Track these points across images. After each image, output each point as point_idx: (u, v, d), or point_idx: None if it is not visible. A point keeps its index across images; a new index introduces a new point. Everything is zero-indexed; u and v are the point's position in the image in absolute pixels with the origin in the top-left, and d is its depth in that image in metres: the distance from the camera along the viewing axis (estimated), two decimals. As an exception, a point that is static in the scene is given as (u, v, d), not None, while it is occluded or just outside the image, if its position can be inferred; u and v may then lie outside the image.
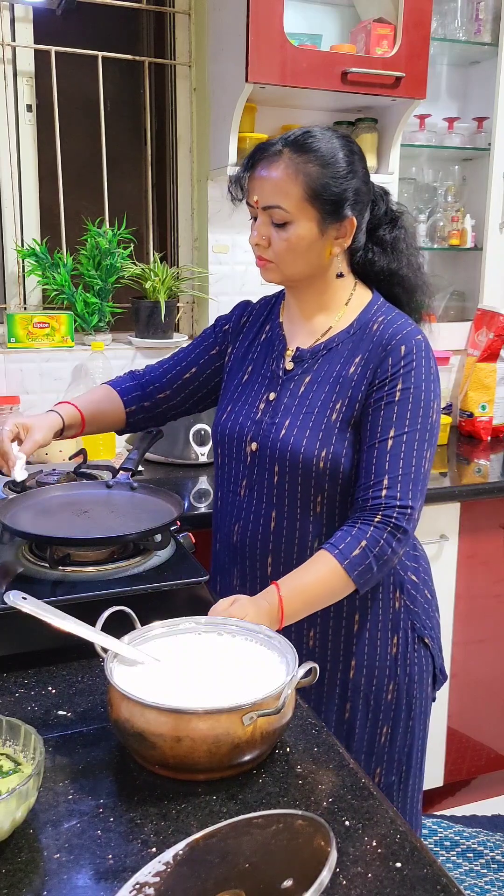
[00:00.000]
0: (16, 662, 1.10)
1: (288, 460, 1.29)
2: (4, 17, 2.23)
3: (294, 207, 1.25)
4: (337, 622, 1.34)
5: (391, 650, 1.36)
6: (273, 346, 1.41)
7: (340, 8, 2.39)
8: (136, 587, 1.17)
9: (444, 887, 0.74)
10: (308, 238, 1.27)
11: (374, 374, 1.27)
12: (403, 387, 1.24)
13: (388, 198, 1.38)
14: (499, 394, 2.59)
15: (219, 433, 1.41)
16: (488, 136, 2.56)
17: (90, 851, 0.77)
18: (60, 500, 1.38)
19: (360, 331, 1.32)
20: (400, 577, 1.36)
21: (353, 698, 1.37)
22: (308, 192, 1.24)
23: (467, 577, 2.20)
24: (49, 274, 2.28)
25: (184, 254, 2.56)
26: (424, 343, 1.28)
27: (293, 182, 1.24)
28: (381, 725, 1.39)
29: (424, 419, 1.25)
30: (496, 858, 2.13)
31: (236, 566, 1.40)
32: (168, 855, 0.73)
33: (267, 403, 1.35)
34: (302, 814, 0.75)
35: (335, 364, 1.31)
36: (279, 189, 1.25)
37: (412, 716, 1.41)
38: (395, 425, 1.23)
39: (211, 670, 0.96)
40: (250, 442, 1.35)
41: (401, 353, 1.25)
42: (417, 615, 1.39)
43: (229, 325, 1.50)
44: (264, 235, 1.29)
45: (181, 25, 2.43)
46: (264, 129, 2.30)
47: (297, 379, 1.34)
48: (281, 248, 1.28)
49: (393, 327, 1.29)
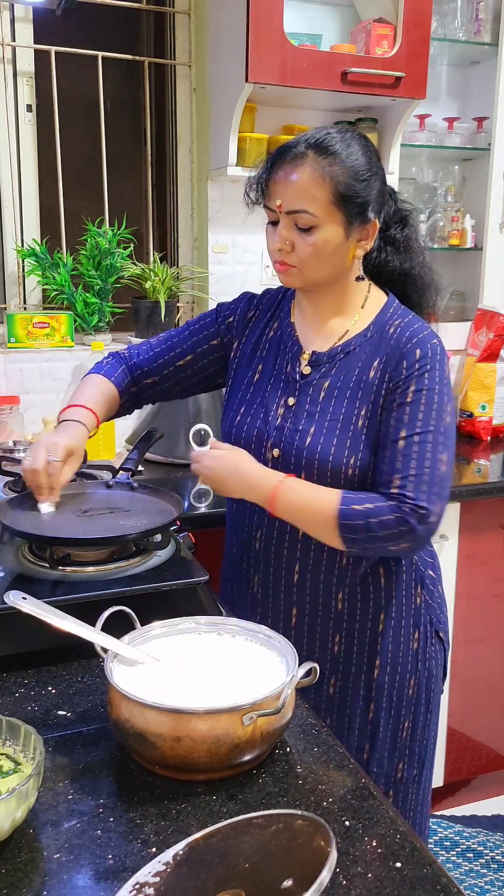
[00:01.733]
0: (16, 662, 1.10)
1: (316, 468, 1.27)
2: (4, 17, 2.23)
3: (321, 212, 1.21)
4: (363, 624, 1.35)
5: (413, 645, 1.38)
6: (285, 346, 1.38)
7: (340, 8, 2.39)
8: (136, 587, 1.16)
9: (444, 887, 0.74)
10: (334, 242, 1.24)
11: (390, 377, 1.26)
12: (416, 388, 1.23)
13: (396, 196, 1.37)
14: (499, 394, 2.59)
15: (234, 436, 1.37)
16: (488, 136, 2.56)
17: (90, 851, 0.77)
18: (60, 500, 1.38)
19: (378, 334, 1.30)
20: (420, 573, 1.38)
21: (378, 697, 1.37)
22: (335, 195, 1.21)
23: (467, 577, 2.20)
24: (49, 274, 2.28)
25: (184, 254, 2.56)
26: (440, 347, 1.27)
27: (320, 186, 1.20)
28: (403, 721, 1.40)
29: (438, 421, 1.22)
30: (496, 858, 2.13)
31: (258, 573, 1.38)
32: (168, 855, 0.73)
33: (287, 409, 1.32)
34: (302, 814, 0.75)
35: (354, 369, 1.29)
36: (305, 193, 1.21)
37: (430, 709, 1.44)
38: (407, 426, 1.22)
39: (211, 670, 0.96)
40: (272, 448, 1.32)
41: (416, 355, 1.24)
42: (434, 609, 1.41)
43: (234, 317, 1.45)
44: (288, 240, 1.24)
45: (181, 25, 2.43)
46: (264, 129, 2.30)
47: (316, 384, 1.32)
48: (306, 254, 1.24)
49: (410, 330, 1.28)
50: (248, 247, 2.46)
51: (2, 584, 1.16)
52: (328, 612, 1.34)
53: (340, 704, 1.38)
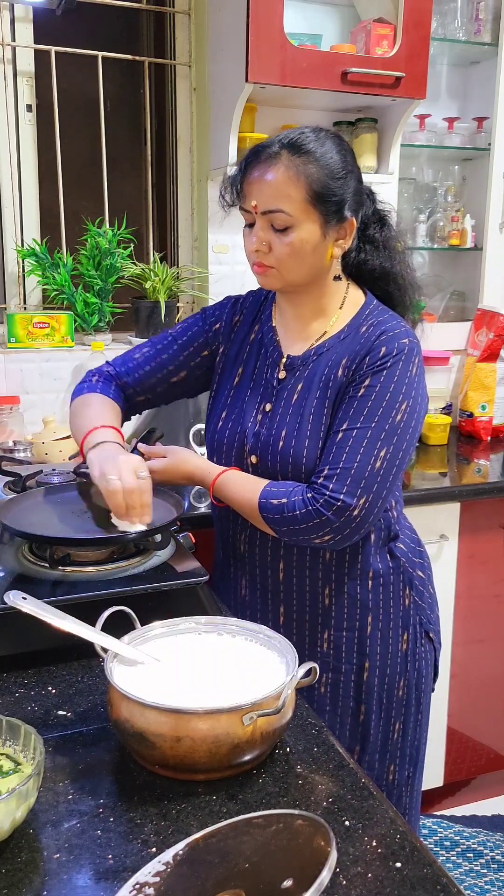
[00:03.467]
0: (16, 662, 1.10)
1: (291, 470, 1.28)
2: (4, 17, 2.23)
3: (297, 211, 1.20)
4: (351, 623, 1.35)
5: (402, 647, 1.38)
6: (266, 350, 1.37)
7: (340, 8, 2.39)
8: (136, 587, 1.16)
9: (444, 887, 0.74)
10: (311, 241, 1.23)
11: (353, 372, 1.26)
12: (369, 384, 1.23)
13: (374, 196, 1.36)
14: (499, 394, 2.59)
15: (216, 441, 1.38)
16: (488, 136, 2.56)
17: (90, 851, 0.77)
18: (60, 500, 1.38)
19: (352, 334, 1.30)
20: (409, 574, 1.38)
21: (367, 699, 1.38)
22: (310, 194, 1.20)
23: (467, 577, 2.20)
24: (49, 274, 2.28)
25: (184, 254, 2.56)
26: (409, 347, 1.25)
27: (295, 185, 1.20)
28: (394, 722, 1.41)
29: (383, 419, 1.21)
30: (496, 858, 2.13)
31: (245, 576, 1.39)
32: (168, 855, 0.73)
33: (264, 415, 1.33)
34: (302, 814, 0.75)
35: (324, 368, 1.30)
36: (280, 192, 1.20)
37: (420, 710, 1.44)
38: (350, 419, 1.22)
39: (211, 670, 0.96)
40: (249, 455, 1.33)
41: (380, 353, 1.24)
42: (424, 610, 1.41)
43: (220, 324, 1.44)
44: (264, 241, 1.24)
45: (181, 25, 2.43)
46: (264, 129, 2.30)
47: (290, 388, 1.32)
48: (283, 254, 1.23)
49: (382, 329, 1.27)
50: (249, 247, 2.45)
51: (2, 584, 1.16)
52: (315, 608, 1.35)
53: (332, 704, 1.38)
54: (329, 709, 1.38)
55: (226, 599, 1.43)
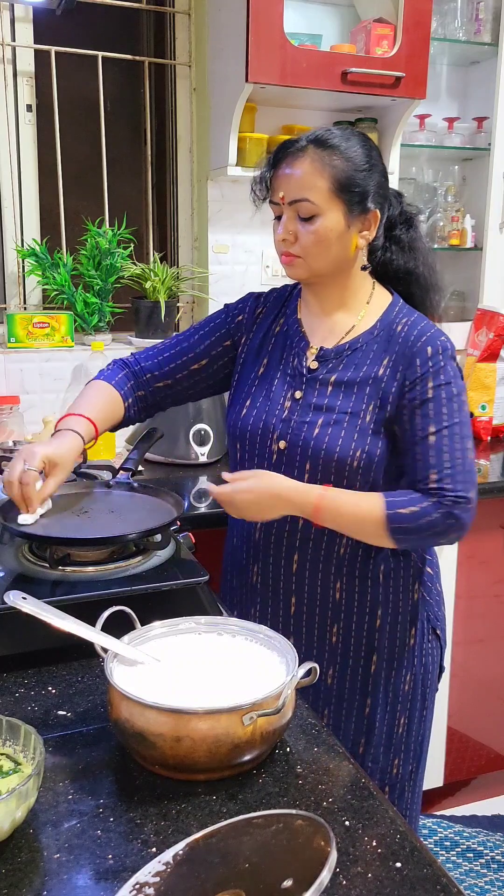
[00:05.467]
0: (16, 662, 1.10)
1: (322, 459, 1.30)
2: (4, 17, 2.23)
3: (322, 199, 1.26)
4: (360, 616, 1.37)
5: (409, 641, 1.40)
6: (291, 341, 1.40)
7: (340, 8, 2.39)
8: (136, 587, 1.17)
9: (444, 887, 0.74)
10: (336, 230, 1.28)
11: (404, 376, 1.29)
12: (435, 384, 1.26)
13: (402, 199, 1.41)
14: (499, 394, 2.59)
15: (239, 429, 1.39)
16: (488, 136, 2.56)
17: (90, 851, 0.77)
18: (60, 500, 1.38)
19: (385, 332, 1.33)
20: (419, 570, 1.40)
21: (374, 693, 1.39)
22: (335, 184, 1.26)
23: (467, 577, 2.20)
24: (49, 274, 2.28)
25: (184, 254, 2.56)
26: (449, 343, 1.31)
27: (320, 175, 1.26)
28: (399, 716, 1.42)
29: (459, 412, 1.27)
30: (496, 858, 2.13)
31: (258, 563, 1.41)
32: (168, 855, 0.73)
33: (294, 402, 1.35)
34: (302, 814, 0.74)
35: (362, 366, 1.32)
36: (306, 183, 1.27)
37: (426, 705, 1.45)
38: (434, 422, 1.26)
39: (211, 670, 0.96)
40: (278, 440, 1.34)
41: (427, 353, 1.28)
42: (431, 606, 1.43)
43: (243, 315, 1.47)
44: (291, 230, 1.30)
45: (181, 25, 2.43)
46: (264, 129, 2.30)
47: (323, 379, 1.34)
48: (308, 242, 1.29)
49: (418, 329, 1.31)
50: (248, 247, 2.46)
51: (2, 584, 1.16)
52: (326, 602, 1.37)
53: (338, 696, 1.39)
54: (335, 701, 1.40)
55: (236, 588, 1.45)
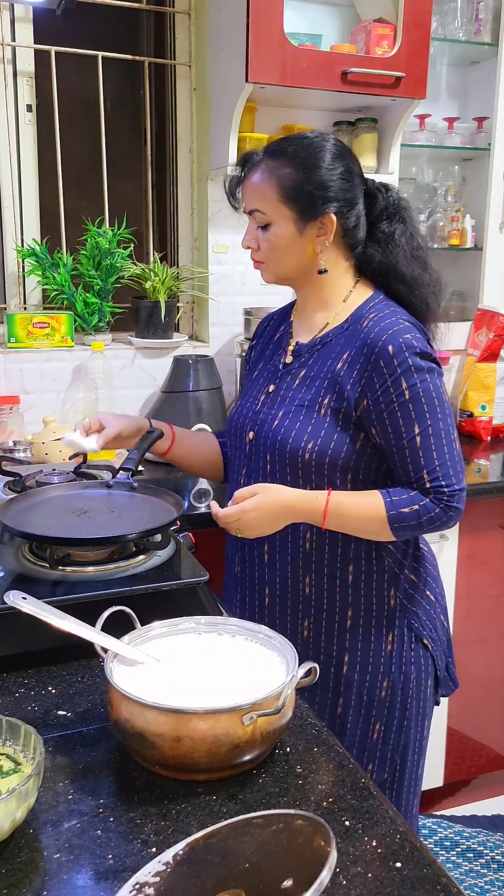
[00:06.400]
0: (16, 662, 1.10)
1: (278, 450, 1.35)
2: (4, 17, 2.23)
3: (270, 209, 1.32)
4: (330, 615, 1.38)
5: (385, 647, 1.38)
6: (281, 343, 1.47)
7: (340, 8, 2.39)
8: (136, 587, 1.17)
9: (444, 887, 0.74)
10: (287, 237, 1.33)
11: (370, 377, 1.28)
12: (408, 384, 1.26)
13: (387, 192, 1.39)
14: (499, 394, 2.59)
15: (227, 426, 1.50)
16: (488, 136, 2.56)
17: (90, 851, 0.77)
18: (60, 500, 1.38)
19: (353, 326, 1.35)
20: (395, 575, 1.37)
21: (346, 693, 1.39)
22: (280, 193, 1.31)
23: (467, 577, 2.20)
24: (49, 274, 2.28)
25: (184, 254, 2.56)
26: (416, 340, 1.28)
27: (267, 185, 1.32)
28: (374, 722, 1.40)
29: (441, 405, 1.28)
30: (496, 858, 2.13)
31: (237, 554, 1.46)
32: (168, 855, 0.73)
33: (266, 395, 1.42)
34: (302, 814, 0.74)
35: (327, 359, 1.36)
36: (257, 193, 1.33)
37: (407, 716, 1.42)
38: (417, 421, 1.27)
39: (211, 670, 0.96)
40: (248, 431, 1.42)
41: (389, 352, 1.26)
42: (416, 615, 1.40)
43: (256, 339, 1.58)
44: (252, 238, 1.37)
45: (181, 25, 2.43)
46: (264, 129, 2.30)
47: (294, 373, 1.40)
48: (265, 249, 1.36)
49: (380, 326, 1.29)
50: (248, 247, 2.45)
51: (2, 584, 1.16)
52: (297, 595, 1.39)
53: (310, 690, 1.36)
54: (307, 695, 1.38)
55: (228, 578, 1.51)
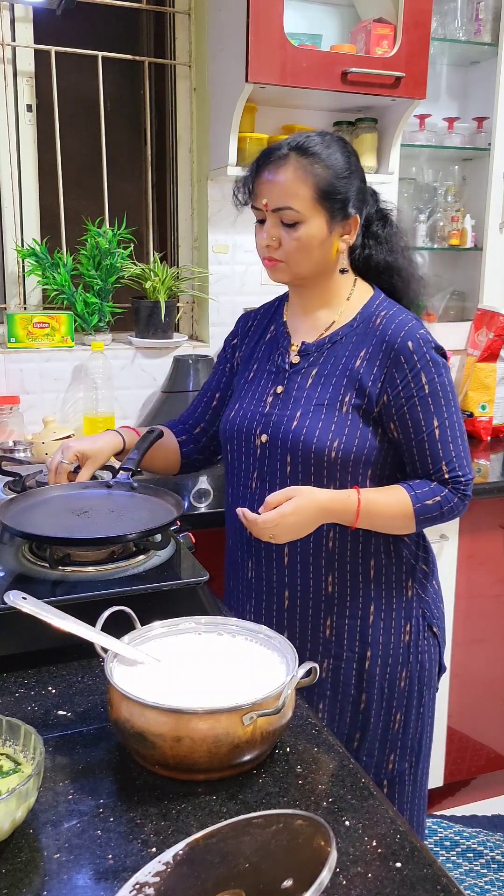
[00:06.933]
0: (16, 662, 1.10)
1: (300, 450, 1.33)
2: (4, 17, 2.23)
3: (305, 207, 1.30)
4: (353, 611, 1.39)
5: (404, 638, 1.41)
6: (277, 342, 1.46)
7: (340, 8, 2.39)
8: (136, 587, 1.17)
9: (444, 887, 0.74)
10: (318, 236, 1.32)
11: (391, 373, 1.32)
12: (428, 379, 1.31)
13: (377, 196, 1.46)
14: (499, 394, 2.59)
15: (227, 429, 1.46)
16: (488, 136, 2.56)
17: (90, 851, 0.77)
18: (60, 500, 1.38)
19: (364, 324, 1.37)
20: (411, 566, 1.42)
21: (369, 688, 1.40)
22: (317, 192, 1.30)
23: (467, 577, 2.20)
24: (49, 274, 2.28)
25: (184, 254, 2.56)
26: (429, 335, 1.35)
27: (303, 184, 1.30)
28: (395, 712, 1.43)
29: (454, 399, 1.34)
30: (496, 858, 2.13)
31: (251, 559, 1.43)
32: (168, 855, 0.73)
33: (275, 397, 1.40)
34: (302, 814, 0.74)
35: (341, 357, 1.36)
36: (289, 191, 1.30)
37: (423, 703, 1.47)
38: (436, 414, 1.32)
39: (211, 670, 0.96)
40: (260, 434, 1.39)
41: (410, 348, 1.31)
42: (428, 604, 1.45)
43: (237, 338, 1.56)
44: (274, 236, 1.34)
45: (181, 25, 2.43)
46: (264, 129, 2.30)
47: (304, 372, 1.39)
48: (291, 248, 1.33)
49: (395, 323, 1.35)
50: (248, 247, 2.45)
51: (2, 584, 1.16)
52: (319, 595, 1.39)
53: (332, 690, 1.41)
54: (329, 695, 1.41)
55: (233, 585, 1.49)
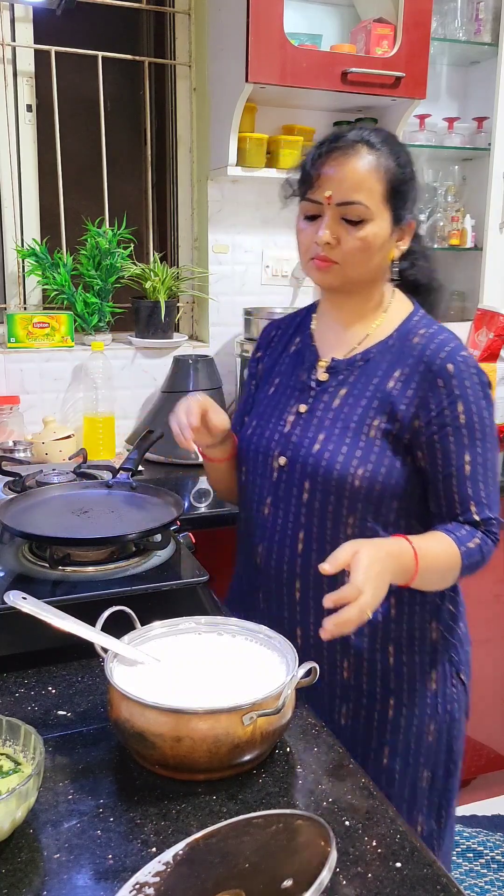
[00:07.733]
0: (16, 662, 1.10)
1: (321, 476, 1.20)
2: (4, 17, 2.23)
3: (374, 204, 1.18)
4: (371, 654, 1.25)
5: (431, 686, 1.28)
6: (302, 356, 1.33)
7: (340, 8, 2.39)
8: (136, 587, 1.17)
9: (444, 887, 0.74)
10: (383, 237, 1.20)
11: (426, 397, 1.19)
12: (465, 408, 1.18)
13: None
14: (499, 394, 2.59)
15: (243, 448, 1.33)
16: (488, 136, 2.56)
17: (90, 851, 0.77)
18: (60, 500, 1.38)
19: (400, 342, 1.24)
20: (436, 606, 1.28)
21: (392, 740, 1.27)
22: (388, 189, 1.19)
23: (467, 577, 2.20)
24: (49, 274, 2.28)
25: (184, 254, 2.56)
26: (469, 358, 1.21)
27: (376, 178, 1.18)
28: (422, 770, 1.29)
29: (491, 431, 1.21)
30: (496, 858, 2.13)
31: (261, 590, 1.31)
32: (168, 855, 0.73)
33: (297, 416, 1.27)
34: (302, 814, 0.75)
35: (373, 376, 1.23)
36: (361, 185, 1.17)
37: (453, 759, 1.32)
38: (469, 450, 1.19)
39: (211, 670, 0.96)
40: (278, 456, 1.26)
41: (449, 371, 1.18)
42: (455, 648, 1.32)
43: (260, 350, 1.43)
44: (335, 234, 1.19)
45: (181, 25, 2.43)
46: (264, 129, 2.31)
47: (332, 391, 1.26)
48: (353, 248, 1.19)
49: (435, 342, 1.21)
50: (248, 247, 2.46)
51: (2, 584, 1.16)
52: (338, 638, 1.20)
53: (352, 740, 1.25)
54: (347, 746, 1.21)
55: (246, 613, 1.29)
